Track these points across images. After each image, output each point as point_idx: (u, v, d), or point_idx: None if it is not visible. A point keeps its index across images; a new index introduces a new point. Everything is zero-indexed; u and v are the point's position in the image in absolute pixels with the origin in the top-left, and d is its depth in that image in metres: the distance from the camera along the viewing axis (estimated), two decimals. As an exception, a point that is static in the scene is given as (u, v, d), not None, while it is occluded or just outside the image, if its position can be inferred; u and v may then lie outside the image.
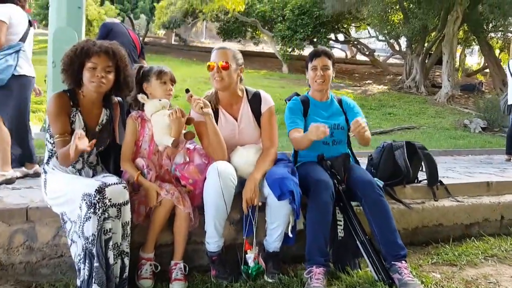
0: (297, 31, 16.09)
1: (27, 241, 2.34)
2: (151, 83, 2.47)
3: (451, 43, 11.97)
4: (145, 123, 2.45)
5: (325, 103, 2.80)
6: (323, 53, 2.71)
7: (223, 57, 2.43)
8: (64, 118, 2.22)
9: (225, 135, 2.45)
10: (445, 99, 12.05)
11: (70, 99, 2.27)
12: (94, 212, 1.98)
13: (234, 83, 2.49)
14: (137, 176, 2.31)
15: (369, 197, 2.42)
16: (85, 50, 2.21)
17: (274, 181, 2.24)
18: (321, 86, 2.72)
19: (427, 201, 3.07)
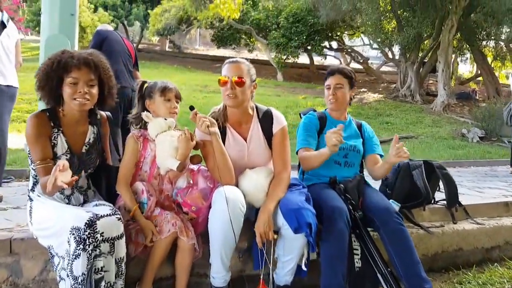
0: (292, 38, 16.00)
1: (11, 276, 2.10)
2: (154, 100, 2.24)
3: (446, 52, 11.93)
4: (147, 143, 2.24)
5: (343, 123, 2.58)
6: (338, 71, 2.56)
7: (237, 71, 2.21)
8: (44, 141, 1.98)
9: (233, 156, 2.23)
10: (441, 108, 11.99)
11: (49, 119, 2.02)
12: (84, 248, 1.74)
13: (247, 100, 2.28)
14: (134, 210, 2.09)
15: (388, 226, 2.22)
16: (62, 64, 1.96)
17: (290, 211, 2.02)
18: (333, 106, 2.57)
19: (446, 224, 2.87)
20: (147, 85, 2.31)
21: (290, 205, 2.04)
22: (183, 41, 22.65)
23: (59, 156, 2.02)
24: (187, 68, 17.13)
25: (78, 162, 2.08)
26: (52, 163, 1.96)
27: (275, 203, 2.13)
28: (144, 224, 2.08)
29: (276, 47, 16.42)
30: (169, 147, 2.15)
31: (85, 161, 2.11)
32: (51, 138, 2.01)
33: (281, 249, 2.14)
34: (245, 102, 2.27)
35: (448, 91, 12.08)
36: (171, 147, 2.15)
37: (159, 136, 2.19)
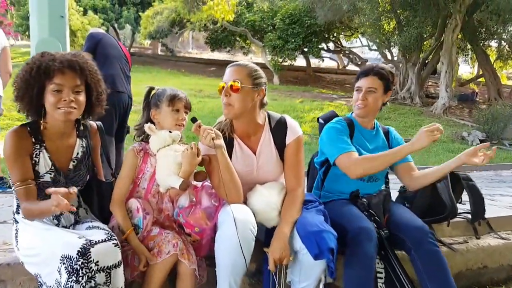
0: (288, 40, 15.79)
1: (-5, 307, 1.88)
2: (161, 109, 2.02)
3: (450, 52, 11.65)
4: (148, 158, 2.02)
5: (370, 132, 2.36)
6: (373, 72, 2.24)
7: (234, 75, 1.96)
8: (23, 161, 1.74)
9: (241, 170, 2.01)
10: (441, 111, 11.82)
11: (30, 134, 1.78)
12: (77, 280, 1.54)
13: (248, 109, 1.99)
14: (127, 234, 1.88)
15: (422, 248, 1.98)
16: (43, 69, 1.70)
17: (309, 235, 1.78)
18: (360, 112, 2.27)
19: (469, 239, 2.66)
20: (154, 92, 2.08)
21: (309, 227, 1.81)
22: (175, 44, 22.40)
23: (42, 175, 1.79)
24: (180, 72, 16.88)
25: (65, 180, 1.85)
26: (34, 184, 1.74)
27: (291, 226, 1.90)
28: (137, 248, 1.87)
29: (272, 49, 16.21)
30: (171, 163, 1.93)
31: (72, 178, 1.88)
32: (32, 155, 1.77)
33: (297, 275, 1.91)
34: (245, 112, 1.99)
35: (450, 93, 11.89)
36: (174, 163, 1.93)
37: (161, 151, 1.97)
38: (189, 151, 1.89)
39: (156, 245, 1.88)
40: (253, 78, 1.96)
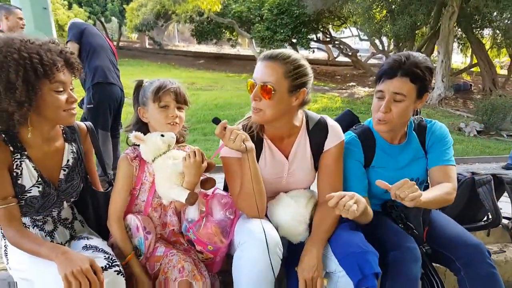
0: (277, 31, 15.41)
1: None
2: (147, 107, 1.68)
3: (447, 41, 11.32)
4: (145, 165, 1.69)
5: (397, 148, 1.83)
6: (402, 70, 1.61)
7: (267, 74, 1.54)
8: (1, 175, 1.42)
9: (269, 178, 1.68)
10: (436, 101, 11.60)
11: (6, 143, 1.46)
12: None
13: (283, 114, 1.61)
14: (127, 260, 1.58)
15: (475, 269, 1.62)
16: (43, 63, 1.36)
17: (350, 257, 1.48)
18: (381, 127, 1.71)
19: (506, 247, 2.35)
20: (143, 86, 1.73)
21: (348, 247, 1.51)
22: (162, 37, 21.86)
23: (28, 189, 1.47)
24: (171, 65, 16.49)
25: (56, 193, 1.54)
26: (15, 203, 1.43)
27: (324, 242, 1.60)
28: (138, 276, 1.59)
29: (260, 41, 15.81)
30: (171, 174, 1.61)
31: (65, 190, 1.58)
32: (12, 167, 1.45)
33: None
34: (280, 116, 1.61)
35: (447, 84, 11.66)
36: (174, 173, 1.61)
37: (157, 161, 1.63)
38: (192, 159, 1.55)
39: (162, 271, 1.58)
40: (292, 79, 1.55)
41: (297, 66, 1.56)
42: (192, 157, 1.55)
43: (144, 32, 18.47)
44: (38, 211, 1.54)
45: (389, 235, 1.68)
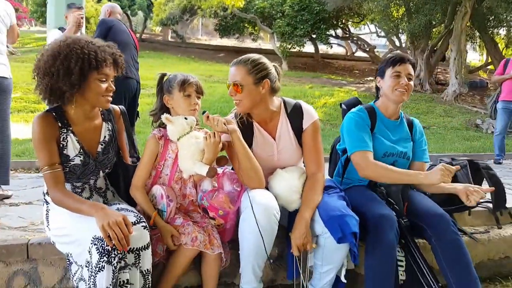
0: (297, 27, 15.69)
1: (29, 284, 1.98)
2: (173, 95, 2.06)
3: (459, 39, 11.52)
4: (168, 144, 2.07)
5: (394, 123, 2.31)
6: (408, 60, 2.25)
7: (235, 76, 2.02)
8: (50, 145, 1.80)
9: (262, 155, 2.07)
10: (452, 97, 11.71)
11: (56, 119, 1.84)
12: (109, 261, 1.60)
13: (258, 101, 2.04)
14: (153, 218, 1.94)
15: (443, 237, 1.99)
16: (100, 61, 1.77)
17: (333, 219, 1.83)
18: (402, 97, 2.22)
19: (491, 229, 2.67)
20: (166, 78, 2.13)
21: (332, 212, 1.86)
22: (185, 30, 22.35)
23: (72, 158, 1.85)
24: (190, 58, 16.91)
25: (95, 163, 1.92)
26: (60, 169, 1.80)
27: (312, 211, 1.95)
28: (164, 228, 1.93)
29: (281, 36, 16.13)
30: (195, 151, 1.98)
31: (102, 161, 1.95)
32: (60, 139, 1.84)
33: (319, 259, 1.98)
34: (255, 104, 2.04)
35: (460, 80, 11.77)
36: (197, 151, 1.98)
37: (182, 139, 2.01)
38: (212, 139, 1.93)
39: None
40: (253, 74, 1.99)
41: (255, 64, 2.00)
42: (212, 137, 1.94)
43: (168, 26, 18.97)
44: (79, 178, 1.90)
45: (372, 207, 2.04)
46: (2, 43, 3.01)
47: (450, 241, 1.99)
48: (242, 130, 2.03)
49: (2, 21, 2.99)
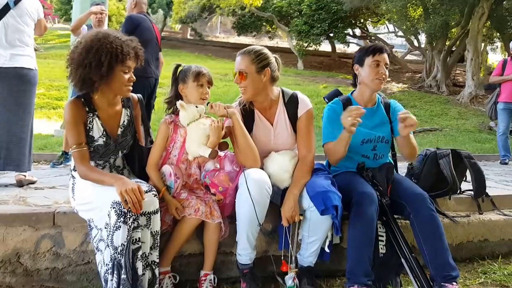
0: (314, 26, 15.87)
1: (54, 246, 2.25)
2: (187, 84, 2.31)
3: (476, 40, 11.49)
4: (178, 129, 2.33)
5: (371, 110, 2.48)
6: (386, 50, 2.41)
7: (240, 64, 2.26)
8: (79, 127, 2.08)
9: (261, 139, 2.32)
10: (468, 99, 11.67)
11: (84, 105, 2.11)
12: (124, 221, 1.86)
13: (261, 88, 2.28)
14: (162, 192, 2.19)
15: (420, 213, 2.20)
16: (125, 55, 2.02)
17: (317, 194, 2.07)
18: (380, 85, 2.39)
19: (472, 214, 2.86)
20: (181, 69, 2.37)
21: (317, 188, 2.10)
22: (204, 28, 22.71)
23: (96, 139, 2.12)
24: (207, 56, 17.21)
25: (115, 144, 2.18)
26: (86, 148, 2.07)
27: (301, 188, 2.19)
28: (170, 201, 2.19)
29: (297, 34, 16.32)
30: (201, 135, 2.23)
31: (121, 143, 2.22)
32: (87, 122, 2.10)
33: (306, 231, 2.21)
34: (258, 91, 2.28)
35: (477, 82, 11.71)
36: (203, 135, 2.23)
37: (191, 125, 2.26)
38: (216, 125, 2.19)
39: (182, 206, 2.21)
40: (256, 63, 2.24)
41: (258, 54, 2.25)
42: (216, 122, 2.20)
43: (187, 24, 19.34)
44: (101, 156, 2.17)
45: (356, 186, 2.27)
46: (29, 36, 3.27)
47: (426, 216, 2.19)
48: (244, 117, 2.30)
49: (30, 16, 3.25)
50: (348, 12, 15.29)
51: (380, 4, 13.92)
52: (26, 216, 2.28)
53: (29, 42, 3.27)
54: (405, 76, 16.16)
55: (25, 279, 2.23)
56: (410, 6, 13.49)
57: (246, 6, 16.06)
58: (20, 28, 3.18)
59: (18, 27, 3.17)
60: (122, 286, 1.85)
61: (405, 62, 18.47)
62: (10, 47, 3.12)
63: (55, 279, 2.25)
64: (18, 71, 3.13)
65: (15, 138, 3.11)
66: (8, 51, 3.10)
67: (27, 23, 3.24)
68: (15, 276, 2.22)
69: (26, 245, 2.23)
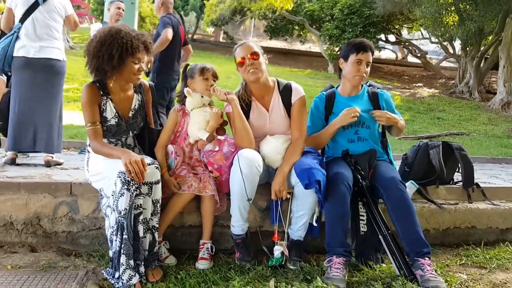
0: (346, 30, 15.87)
1: (70, 212, 2.55)
2: (195, 79, 2.59)
3: (508, 48, 11.32)
4: (185, 117, 2.60)
5: (354, 97, 2.71)
6: (370, 48, 2.60)
7: (249, 49, 2.50)
8: (93, 107, 2.34)
9: (257, 124, 2.55)
10: (499, 106, 11.43)
11: (99, 89, 2.37)
12: (128, 189, 2.11)
13: (265, 72, 2.54)
14: (163, 172, 2.44)
15: (391, 194, 2.37)
16: (135, 48, 2.27)
17: (302, 170, 2.28)
18: (359, 82, 2.64)
19: (461, 202, 2.97)
20: (189, 67, 2.66)
21: (303, 166, 2.31)
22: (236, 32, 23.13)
23: (109, 119, 2.39)
24: (238, 58, 17.47)
25: (126, 125, 2.45)
26: (100, 126, 2.34)
27: (290, 166, 2.40)
28: (168, 180, 2.46)
29: (329, 38, 16.39)
30: (202, 120, 2.50)
31: (131, 124, 2.48)
32: (101, 104, 2.38)
33: (295, 206, 2.43)
34: (264, 74, 2.54)
35: (509, 89, 11.46)
36: (204, 120, 2.50)
37: (194, 110, 2.54)
38: (215, 110, 2.48)
39: (179, 182, 2.48)
40: (260, 50, 2.54)
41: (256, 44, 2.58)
42: (216, 109, 2.46)
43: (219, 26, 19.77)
44: (114, 135, 2.44)
45: (334, 169, 2.45)
46: (57, 31, 3.59)
47: (396, 196, 2.36)
48: (242, 105, 2.53)
49: (57, 12, 3.57)
50: (380, 17, 15.21)
51: (414, 9, 13.80)
52: (46, 185, 2.60)
53: (57, 36, 3.57)
54: (438, 82, 15.92)
55: (44, 240, 2.54)
56: (444, 11, 13.31)
57: (277, 9, 16.31)
58: (48, 23, 3.49)
59: (47, 22, 3.48)
60: (123, 244, 2.11)
61: (439, 68, 18.14)
62: (39, 40, 3.43)
63: (71, 241, 2.55)
64: (46, 61, 3.43)
65: (44, 122, 3.43)
66: (37, 43, 3.41)
67: (55, 19, 3.55)
68: (36, 237, 2.54)
69: (45, 210, 2.54)
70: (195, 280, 2.19)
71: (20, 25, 3.40)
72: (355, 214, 2.52)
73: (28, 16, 3.41)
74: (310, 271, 2.33)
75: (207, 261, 2.41)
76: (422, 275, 2.18)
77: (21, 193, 2.56)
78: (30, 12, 3.42)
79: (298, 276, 2.28)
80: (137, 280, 2.12)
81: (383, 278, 2.28)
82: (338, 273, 2.21)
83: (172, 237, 2.56)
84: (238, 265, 2.41)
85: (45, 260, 2.38)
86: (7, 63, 3.38)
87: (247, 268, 2.36)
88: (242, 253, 2.46)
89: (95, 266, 2.36)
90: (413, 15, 15.13)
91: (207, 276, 2.24)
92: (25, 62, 3.38)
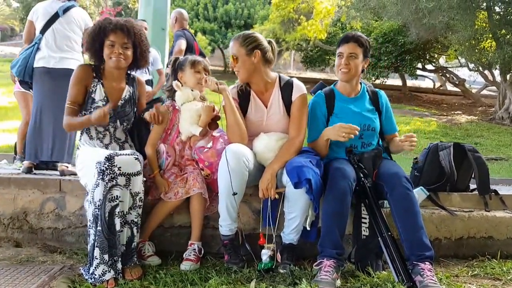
0: (381, 58, 15.65)
1: (57, 208, 2.52)
2: (185, 72, 2.52)
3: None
4: (176, 113, 2.53)
5: (354, 99, 2.50)
6: (353, 39, 2.40)
7: (231, 49, 2.40)
8: (79, 88, 2.39)
9: (253, 120, 2.43)
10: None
11: (93, 71, 2.43)
12: (102, 178, 2.05)
13: (253, 70, 2.38)
14: (154, 174, 2.40)
15: (395, 190, 2.16)
16: (102, 29, 2.36)
17: (293, 168, 2.12)
18: (344, 76, 2.42)
19: (476, 210, 2.67)
20: (179, 61, 2.60)
21: (294, 164, 2.15)
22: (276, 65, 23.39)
23: (97, 101, 2.40)
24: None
25: (114, 112, 2.43)
26: (77, 108, 2.39)
27: (281, 164, 2.24)
28: (159, 182, 2.40)
29: (365, 67, 16.16)
30: (194, 115, 2.42)
31: (119, 113, 2.47)
32: (90, 86, 2.41)
33: (287, 207, 2.26)
34: (250, 72, 2.38)
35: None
36: (195, 115, 2.42)
37: (185, 105, 2.46)
38: (207, 104, 2.38)
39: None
40: (245, 46, 2.35)
41: (245, 38, 2.38)
42: (208, 103, 2.39)
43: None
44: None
45: (335, 165, 2.28)
46: (77, 43, 3.71)
47: (400, 193, 2.15)
48: (241, 97, 2.43)
49: (77, 24, 3.71)
50: (415, 45, 14.91)
51: (448, 35, 13.43)
52: (36, 181, 2.61)
53: (77, 48, 3.70)
54: (478, 110, 15.24)
55: (30, 236, 2.52)
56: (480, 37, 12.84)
57: (310, 39, 16.41)
58: (68, 35, 3.62)
59: (66, 33, 3.61)
60: (97, 237, 2.03)
61: (479, 96, 17.41)
62: (60, 51, 3.55)
63: (56, 238, 2.51)
64: (66, 72, 3.46)
65: (60, 132, 3.44)
66: (57, 54, 3.53)
67: (74, 31, 3.68)
68: (22, 232, 2.52)
69: (32, 205, 2.53)
70: (172, 279, 2.07)
71: (41, 36, 3.52)
72: (357, 217, 2.32)
73: (49, 28, 3.54)
74: (300, 275, 2.13)
75: (193, 262, 2.28)
76: (421, 281, 1.95)
77: (11, 188, 2.57)
78: (50, 23, 3.55)
79: (286, 280, 2.10)
80: (111, 276, 2.03)
81: (379, 285, 2.04)
82: (327, 276, 2.01)
83: (161, 238, 2.46)
84: (225, 268, 2.25)
85: (26, 255, 2.34)
86: (27, 73, 3.50)
87: (233, 271, 2.20)
88: (230, 255, 2.30)
89: (74, 262, 2.30)
90: (448, 41, 14.77)
91: (186, 276, 2.10)
92: (45, 72, 3.48)
